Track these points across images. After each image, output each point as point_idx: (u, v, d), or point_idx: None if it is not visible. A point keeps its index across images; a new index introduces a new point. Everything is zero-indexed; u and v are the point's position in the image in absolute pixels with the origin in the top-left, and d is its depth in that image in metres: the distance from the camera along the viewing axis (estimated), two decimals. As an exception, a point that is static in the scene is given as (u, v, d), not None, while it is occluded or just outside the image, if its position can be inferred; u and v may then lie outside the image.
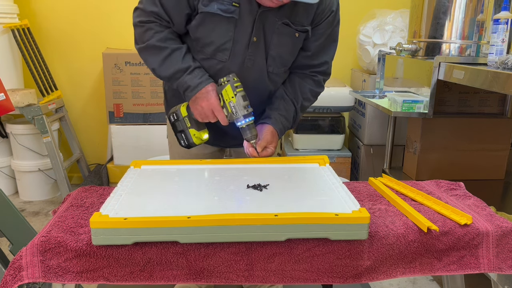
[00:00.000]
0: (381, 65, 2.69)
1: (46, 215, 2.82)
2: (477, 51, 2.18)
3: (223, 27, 1.31)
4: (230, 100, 1.30)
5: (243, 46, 1.34)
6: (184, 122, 1.39)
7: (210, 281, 1.01)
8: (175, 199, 1.10)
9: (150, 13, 1.34)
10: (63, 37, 3.19)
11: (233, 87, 1.30)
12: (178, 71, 1.34)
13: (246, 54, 1.36)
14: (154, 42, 1.34)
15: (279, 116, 1.44)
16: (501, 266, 1.06)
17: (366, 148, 3.00)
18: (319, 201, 1.09)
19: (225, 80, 1.31)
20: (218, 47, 1.34)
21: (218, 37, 1.33)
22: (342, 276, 1.01)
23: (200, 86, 1.33)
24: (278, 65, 1.42)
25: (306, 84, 1.49)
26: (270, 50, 1.37)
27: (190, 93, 1.34)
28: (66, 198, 1.24)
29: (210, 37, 1.33)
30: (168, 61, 1.34)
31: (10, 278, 0.96)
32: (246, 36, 1.33)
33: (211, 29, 1.32)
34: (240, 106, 1.30)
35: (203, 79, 1.34)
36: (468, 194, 1.28)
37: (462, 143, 2.40)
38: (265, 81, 1.43)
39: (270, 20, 1.33)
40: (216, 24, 1.31)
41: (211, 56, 1.36)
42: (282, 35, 1.36)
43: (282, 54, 1.40)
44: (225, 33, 1.32)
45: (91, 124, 3.36)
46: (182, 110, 1.39)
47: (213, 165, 1.35)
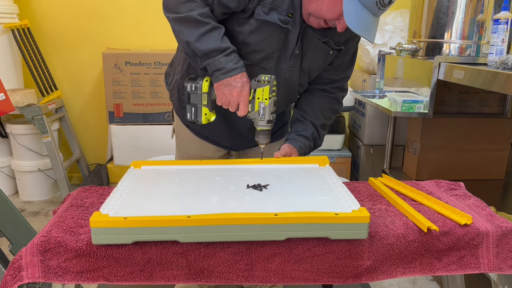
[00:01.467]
0: (381, 65, 2.70)
1: (46, 215, 2.82)
2: (477, 51, 2.18)
3: (276, 37, 1.33)
4: (262, 101, 1.27)
5: (287, 57, 1.37)
6: (201, 98, 1.31)
7: (210, 281, 1.01)
8: (175, 199, 1.10)
9: None
10: (63, 37, 3.19)
11: (271, 90, 1.28)
12: (215, 50, 1.26)
13: (287, 65, 1.38)
14: (195, 15, 1.25)
15: (296, 136, 1.47)
16: (501, 266, 1.06)
17: (366, 148, 3.00)
18: (319, 201, 1.09)
19: (266, 80, 1.27)
20: (266, 55, 1.35)
21: (270, 45, 1.34)
22: (342, 276, 1.01)
23: (235, 71, 1.26)
24: (306, 77, 1.46)
25: (324, 103, 1.52)
26: (302, 63, 1.40)
27: (221, 76, 1.27)
28: (66, 198, 1.24)
29: (262, 44, 1.33)
30: (207, 37, 1.26)
31: (10, 278, 0.96)
32: (291, 47, 1.36)
33: (265, 37, 1.32)
34: (268, 110, 1.29)
35: (238, 65, 1.27)
36: (468, 194, 1.28)
37: (462, 143, 2.40)
38: (295, 90, 1.47)
39: (309, 35, 1.36)
40: (271, 33, 1.32)
41: (256, 63, 1.36)
42: (317, 51, 1.39)
43: (312, 68, 1.43)
44: (276, 43, 1.34)
45: (91, 124, 3.36)
46: (204, 85, 1.30)
47: (213, 165, 1.35)
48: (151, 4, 3.14)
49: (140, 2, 3.17)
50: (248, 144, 1.57)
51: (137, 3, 3.17)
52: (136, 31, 3.22)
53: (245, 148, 1.62)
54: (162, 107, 3.05)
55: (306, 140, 1.47)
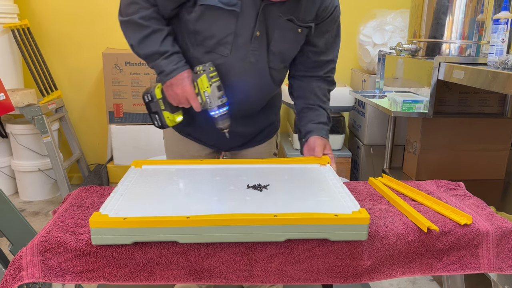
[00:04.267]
0: (381, 65, 2.69)
1: (46, 215, 2.82)
2: (477, 51, 2.18)
3: (224, 20, 1.28)
4: (205, 90, 1.28)
5: (245, 40, 1.31)
6: (158, 104, 1.38)
7: (210, 281, 1.01)
8: (175, 199, 1.10)
9: None
10: (63, 37, 3.19)
11: (208, 77, 1.27)
12: (155, 53, 1.30)
13: (249, 48, 1.33)
14: (137, 19, 1.28)
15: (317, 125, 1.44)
16: (501, 266, 1.06)
17: (366, 148, 3.00)
18: (319, 202, 1.09)
19: (201, 69, 1.28)
20: (219, 40, 1.30)
21: (219, 30, 1.29)
22: (342, 276, 1.01)
23: (174, 72, 1.30)
24: (279, 61, 1.39)
25: (323, 86, 1.50)
26: (271, 45, 1.35)
27: (164, 78, 1.32)
28: (66, 198, 1.24)
29: (210, 30, 1.30)
30: (147, 41, 1.30)
31: (10, 278, 0.96)
32: (248, 30, 1.29)
33: (211, 22, 1.29)
34: (215, 96, 1.29)
35: (178, 66, 1.30)
36: (468, 194, 1.28)
37: (462, 143, 2.40)
38: (267, 76, 1.40)
39: (273, 15, 1.30)
40: (217, 17, 1.28)
41: (212, 50, 1.33)
42: (285, 31, 1.33)
43: (283, 50, 1.37)
44: (226, 27, 1.29)
45: (91, 124, 3.36)
46: (157, 92, 1.37)
47: (213, 165, 1.35)
48: (151, 4, 3.13)
49: (140, 2, 3.16)
50: (234, 143, 1.55)
51: None
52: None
53: (233, 149, 1.60)
54: (162, 107, 3.04)
55: (325, 125, 1.45)
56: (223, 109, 1.31)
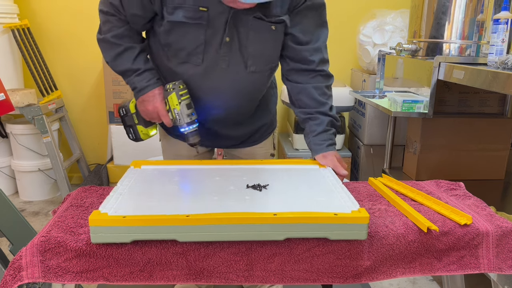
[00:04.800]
0: (381, 65, 2.69)
1: (46, 215, 2.82)
2: (477, 51, 2.18)
3: (193, 33, 1.28)
4: (175, 107, 1.33)
5: (215, 48, 1.30)
6: (132, 118, 1.44)
7: (210, 281, 1.01)
8: (175, 199, 1.10)
9: (110, 5, 1.32)
10: (63, 37, 3.19)
11: (178, 95, 1.32)
12: (128, 70, 1.36)
13: (219, 55, 1.31)
14: (109, 38, 1.35)
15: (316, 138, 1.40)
16: (501, 266, 1.06)
17: (366, 148, 3.00)
18: (319, 201, 1.09)
19: (171, 88, 1.33)
20: (190, 52, 1.31)
21: (189, 43, 1.30)
22: (342, 276, 1.01)
23: (146, 89, 1.35)
24: (262, 63, 1.36)
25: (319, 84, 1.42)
26: (248, 48, 1.31)
27: (137, 94, 1.37)
28: (66, 198, 1.24)
29: (181, 43, 1.30)
30: (120, 59, 1.35)
31: (10, 278, 0.96)
32: (218, 37, 1.29)
33: (181, 36, 1.29)
34: (184, 114, 1.33)
35: (150, 83, 1.35)
36: (468, 194, 1.28)
37: (462, 143, 2.40)
38: (246, 81, 1.37)
39: (243, 17, 1.27)
40: (186, 30, 1.28)
41: (186, 60, 1.33)
42: (258, 31, 1.30)
43: (263, 51, 1.34)
44: (196, 38, 1.29)
45: (91, 124, 3.36)
46: (131, 107, 1.43)
47: (213, 165, 1.35)
48: (151, 4, 3.13)
49: (140, 2, 3.16)
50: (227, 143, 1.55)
51: None
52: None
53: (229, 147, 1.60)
54: (162, 107, 3.04)
55: (327, 133, 1.40)
56: (192, 126, 1.35)
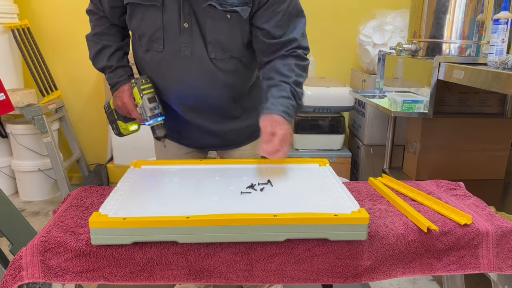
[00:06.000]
0: (381, 65, 2.69)
1: (46, 215, 2.83)
2: (477, 51, 2.18)
3: (150, 17, 1.29)
4: (138, 102, 1.35)
5: (175, 34, 1.30)
6: (113, 114, 1.47)
7: (210, 281, 1.01)
8: (175, 199, 1.10)
9: (91, 3, 1.43)
10: (64, 37, 3.19)
11: (139, 89, 1.34)
12: (104, 68, 1.43)
13: (180, 41, 1.30)
14: (90, 36, 1.45)
15: (274, 100, 1.29)
16: (501, 266, 1.06)
17: (366, 148, 3.00)
18: (319, 202, 1.09)
19: (133, 82, 1.36)
20: (150, 37, 1.32)
21: (148, 27, 1.31)
22: (342, 276, 1.01)
23: (117, 85, 1.40)
24: (219, 51, 1.32)
25: (288, 61, 1.34)
26: (207, 35, 1.30)
27: (112, 90, 1.43)
28: (66, 198, 1.24)
29: (140, 28, 1.33)
30: (99, 56, 1.43)
31: (10, 278, 0.96)
32: (175, 23, 1.28)
33: (139, 20, 1.32)
34: (147, 108, 1.34)
35: (120, 79, 1.40)
36: (468, 194, 1.28)
37: (462, 143, 2.40)
38: (211, 68, 1.33)
39: (198, 4, 1.26)
40: (143, 13, 1.30)
41: (149, 47, 1.34)
42: (215, 19, 1.28)
43: (219, 39, 1.31)
44: (153, 22, 1.29)
45: (91, 124, 3.36)
46: (111, 103, 1.47)
47: (213, 165, 1.35)
48: (151, 4, 3.14)
49: (140, 2, 3.17)
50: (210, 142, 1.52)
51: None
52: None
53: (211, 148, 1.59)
54: (162, 107, 3.04)
55: (287, 99, 1.30)
56: (156, 119, 1.35)
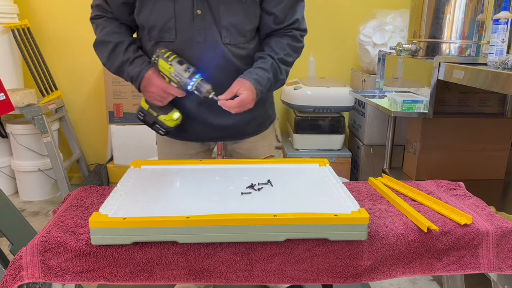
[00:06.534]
0: (381, 65, 2.69)
1: (46, 215, 2.82)
2: (477, 51, 2.18)
3: (161, 7, 1.30)
4: (170, 72, 1.31)
5: (187, 22, 1.31)
6: (151, 113, 1.42)
7: (210, 281, 1.01)
8: (175, 199, 1.10)
9: (96, 8, 1.41)
10: (64, 37, 3.19)
11: (164, 59, 1.31)
12: (121, 64, 1.38)
13: (193, 29, 1.32)
14: (101, 37, 1.39)
15: (253, 69, 1.36)
16: (501, 266, 1.06)
17: (366, 148, 3.00)
18: (319, 202, 1.09)
19: (155, 58, 1.33)
20: (161, 28, 1.33)
21: (159, 18, 1.32)
22: (342, 276, 1.01)
23: (141, 74, 1.35)
24: (235, 35, 1.35)
25: (282, 40, 1.40)
26: (221, 20, 1.32)
27: (136, 83, 1.38)
28: (66, 198, 1.24)
29: (151, 20, 1.33)
30: (113, 55, 1.38)
31: (10, 278, 0.96)
32: (188, 10, 1.30)
33: (150, 12, 1.32)
34: (180, 70, 1.30)
35: (142, 67, 1.36)
36: (468, 194, 1.28)
37: (462, 143, 2.40)
38: (225, 54, 1.36)
39: None
40: (153, 5, 1.31)
41: (159, 39, 1.35)
42: (228, 3, 1.31)
43: (235, 23, 1.33)
44: (164, 13, 1.31)
45: (91, 124, 3.36)
46: (143, 104, 1.43)
47: (213, 165, 1.35)
48: (151, 4, 3.14)
49: (140, 2, 3.17)
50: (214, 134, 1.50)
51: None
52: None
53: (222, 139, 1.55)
54: (162, 107, 3.05)
55: (264, 71, 1.35)
56: (195, 77, 1.31)
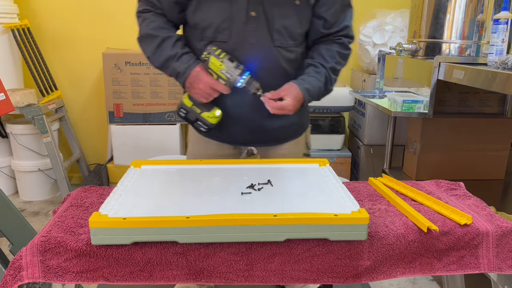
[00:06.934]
0: (381, 65, 2.69)
1: (46, 215, 2.82)
2: (477, 51, 2.18)
3: (218, 7, 1.32)
4: (220, 69, 1.32)
5: (241, 23, 1.33)
6: (194, 110, 1.42)
7: (210, 281, 1.01)
8: (175, 199, 1.10)
9: (145, 2, 1.42)
10: (63, 37, 3.19)
11: (216, 56, 1.31)
12: (167, 59, 1.37)
13: (246, 30, 1.33)
14: (148, 31, 1.40)
15: (307, 77, 1.38)
16: (501, 266, 1.06)
17: (366, 148, 3.00)
18: (319, 202, 1.09)
19: (206, 55, 1.33)
20: (216, 28, 1.34)
21: (215, 18, 1.33)
22: (342, 276, 1.01)
23: (188, 70, 1.35)
24: (286, 38, 1.37)
25: (332, 48, 1.43)
26: (273, 23, 1.34)
27: (181, 79, 1.37)
28: (66, 198, 1.24)
29: (207, 19, 1.34)
30: (160, 49, 1.38)
31: (10, 278, 0.96)
32: (243, 12, 1.32)
33: (207, 12, 1.33)
34: (231, 68, 1.31)
35: (190, 63, 1.36)
36: (468, 194, 1.28)
37: (462, 143, 2.40)
38: (275, 57, 1.37)
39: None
40: (211, 5, 1.32)
41: (212, 39, 1.36)
42: (282, 6, 1.33)
43: (287, 26, 1.35)
44: (221, 13, 1.32)
45: (91, 124, 3.36)
46: (186, 102, 1.43)
47: (213, 165, 1.35)
48: (151, 4, 3.14)
49: (140, 2, 3.17)
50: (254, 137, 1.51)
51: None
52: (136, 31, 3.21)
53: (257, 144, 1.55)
54: (162, 107, 3.05)
55: (317, 81, 1.38)
56: (245, 75, 1.32)
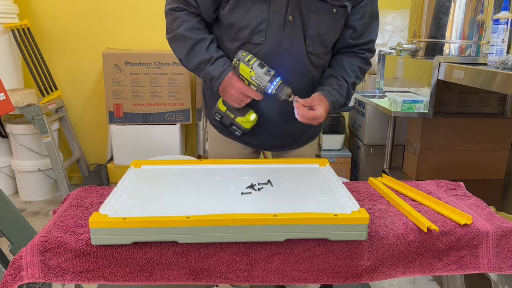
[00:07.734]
0: (381, 65, 2.69)
1: (46, 215, 2.83)
2: (477, 51, 2.18)
3: (256, 9, 1.30)
4: (251, 75, 1.31)
5: (278, 26, 1.32)
6: (228, 116, 1.42)
7: (210, 281, 1.01)
8: (175, 199, 1.10)
9: (178, 0, 1.35)
10: (63, 37, 3.19)
11: (245, 62, 1.30)
12: (202, 62, 1.35)
13: (282, 34, 1.33)
14: (182, 31, 1.35)
15: (332, 89, 1.39)
16: (501, 266, 1.06)
17: (366, 148, 3.00)
18: (319, 202, 1.09)
19: (236, 61, 1.31)
20: (253, 29, 1.33)
21: (253, 19, 1.31)
22: (342, 276, 1.01)
23: (222, 75, 1.34)
24: (318, 45, 1.38)
25: (354, 62, 1.45)
26: (308, 29, 1.34)
27: (215, 84, 1.36)
28: (66, 198, 1.24)
29: (244, 20, 1.32)
30: (193, 52, 1.35)
31: (10, 278, 0.96)
32: (281, 15, 1.31)
33: (245, 12, 1.31)
34: (261, 74, 1.30)
35: (224, 68, 1.34)
36: (468, 194, 1.28)
37: (462, 143, 2.40)
38: (306, 63, 1.38)
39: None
40: (250, 6, 1.30)
41: (247, 40, 1.35)
42: (319, 13, 1.33)
43: (321, 33, 1.36)
44: (259, 14, 1.31)
45: (91, 124, 3.36)
46: (220, 107, 1.42)
47: (213, 165, 1.35)
48: (151, 4, 3.14)
49: (140, 2, 3.17)
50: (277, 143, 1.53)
51: (137, 3, 3.17)
52: (136, 31, 3.22)
53: (275, 149, 1.58)
54: (162, 107, 3.05)
55: (341, 96, 1.41)
56: (276, 80, 1.30)
